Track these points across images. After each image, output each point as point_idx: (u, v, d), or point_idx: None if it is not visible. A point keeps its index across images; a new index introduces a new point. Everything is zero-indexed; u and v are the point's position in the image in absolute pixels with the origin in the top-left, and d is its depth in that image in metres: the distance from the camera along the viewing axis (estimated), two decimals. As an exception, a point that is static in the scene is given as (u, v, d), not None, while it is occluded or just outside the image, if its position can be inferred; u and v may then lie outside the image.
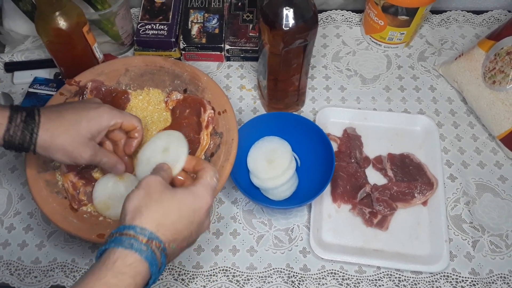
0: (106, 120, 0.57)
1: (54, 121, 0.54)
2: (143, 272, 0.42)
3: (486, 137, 0.77)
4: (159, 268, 0.44)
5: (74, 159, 0.55)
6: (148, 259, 0.42)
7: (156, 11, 0.84)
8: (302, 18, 0.60)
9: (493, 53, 0.72)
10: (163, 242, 0.44)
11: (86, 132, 0.55)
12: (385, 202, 0.69)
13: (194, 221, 0.47)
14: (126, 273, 0.41)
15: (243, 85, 0.83)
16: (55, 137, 0.53)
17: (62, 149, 0.54)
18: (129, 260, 0.42)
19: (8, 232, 0.70)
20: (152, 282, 0.44)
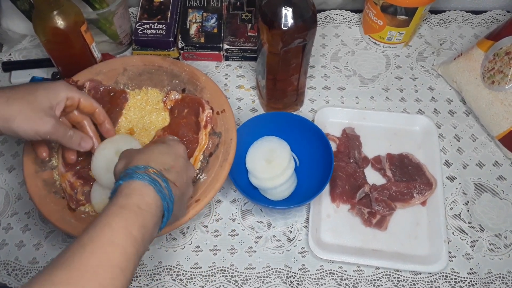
0: (63, 91, 0.56)
1: (7, 92, 0.52)
2: (150, 194, 0.45)
3: (485, 137, 0.77)
4: (166, 193, 0.47)
5: (36, 125, 0.52)
6: (150, 182, 0.45)
7: (155, 11, 0.84)
8: (301, 18, 0.60)
9: (492, 53, 0.72)
10: (155, 167, 0.48)
11: (44, 100, 0.53)
12: (384, 202, 0.69)
13: (178, 158, 0.52)
14: (132, 194, 0.45)
15: (242, 85, 0.83)
16: (11, 102, 0.51)
17: (21, 114, 0.51)
18: (132, 185, 0.45)
19: (5, 232, 0.70)
20: (166, 206, 0.47)
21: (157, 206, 0.46)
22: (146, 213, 0.44)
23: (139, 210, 0.44)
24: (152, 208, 0.45)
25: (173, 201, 0.48)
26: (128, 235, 0.42)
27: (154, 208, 0.45)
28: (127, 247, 0.42)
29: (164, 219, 0.48)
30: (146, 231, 0.44)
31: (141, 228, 0.44)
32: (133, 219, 0.43)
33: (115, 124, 0.69)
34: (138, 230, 0.43)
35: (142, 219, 0.44)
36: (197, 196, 0.61)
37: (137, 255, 0.43)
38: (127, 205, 0.44)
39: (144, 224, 0.44)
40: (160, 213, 0.46)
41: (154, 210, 0.45)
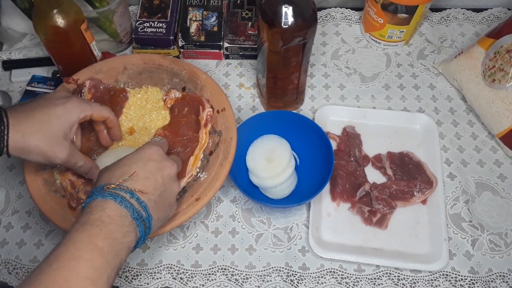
0: (75, 114, 0.57)
1: (24, 121, 0.53)
2: (111, 207, 0.45)
3: (485, 135, 0.77)
4: (133, 204, 0.47)
5: (50, 158, 0.55)
6: (110, 197, 0.46)
7: (155, 9, 0.84)
8: (301, 16, 0.60)
9: (493, 51, 0.72)
10: (114, 182, 0.48)
11: (58, 130, 0.55)
12: (384, 201, 0.69)
13: (145, 161, 0.51)
14: (92, 211, 0.45)
15: (242, 83, 0.83)
16: (27, 137, 0.52)
17: (37, 149, 0.53)
18: (93, 204, 0.46)
19: (6, 231, 0.70)
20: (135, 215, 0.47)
21: (121, 216, 0.46)
22: (109, 225, 0.44)
23: (101, 223, 0.44)
24: (116, 220, 0.45)
25: (146, 207, 0.48)
26: (93, 247, 0.43)
27: (118, 219, 0.45)
28: (94, 258, 0.42)
29: (140, 227, 0.47)
30: (114, 242, 0.44)
31: (106, 239, 0.44)
32: (96, 232, 0.44)
33: (115, 123, 0.69)
34: (103, 240, 0.43)
35: (106, 230, 0.44)
36: (198, 194, 0.61)
37: (108, 265, 0.43)
38: (88, 221, 0.44)
39: (108, 235, 0.44)
40: (128, 222, 0.46)
41: (120, 221, 0.45)
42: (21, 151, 0.53)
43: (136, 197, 0.48)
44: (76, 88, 0.69)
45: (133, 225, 0.46)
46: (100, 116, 0.61)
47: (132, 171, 0.49)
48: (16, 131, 0.52)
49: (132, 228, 0.46)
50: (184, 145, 0.66)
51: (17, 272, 0.67)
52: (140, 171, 0.50)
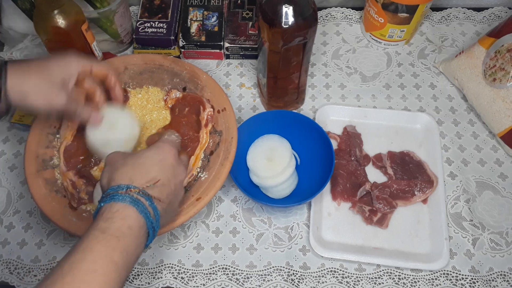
0: (75, 64, 0.57)
1: (22, 66, 0.53)
2: (132, 215, 0.45)
3: (486, 134, 0.76)
4: (150, 212, 0.46)
5: (50, 101, 0.54)
6: (132, 203, 0.45)
7: (155, 9, 0.84)
8: (301, 16, 0.60)
9: (494, 51, 0.71)
10: (138, 187, 0.46)
11: (57, 75, 0.54)
12: (385, 200, 0.69)
13: (165, 166, 0.50)
14: (114, 217, 0.44)
15: (243, 83, 0.83)
16: (27, 78, 0.52)
17: (37, 90, 0.53)
18: (114, 208, 0.44)
19: (7, 230, 0.70)
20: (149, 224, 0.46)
21: (140, 227, 0.45)
22: (128, 236, 0.44)
23: (121, 235, 0.43)
24: (135, 230, 0.45)
25: (159, 217, 0.48)
26: (109, 262, 0.42)
27: (136, 230, 0.45)
28: (108, 273, 0.42)
29: (149, 237, 0.47)
30: (128, 255, 0.44)
31: (123, 252, 0.43)
32: (115, 245, 0.43)
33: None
34: (120, 255, 0.43)
35: (123, 243, 0.43)
36: (198, 194, 0.61)
37: (119, 279, 0.42)
38: (108, 229, 0.43)
39: (126, 248, 0.43)
40: (144, 232, 0.46)
41: (137, 232, 0.45)
42: (22, 93, 0.52)
43: (154, 206, 0.47)
44: (77, 88, 0.70)
45: (146, 235, 0.46)
46: (100, 70, 0.60)
47: (157, 179, 0.48)
48: (15, 72, 0.52)
49: (144, 239, 0.46)
50: (185, 145, 0.67)
51: (19, 272, 0.67)
52: (161, 177, 0.49)
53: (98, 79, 0.61)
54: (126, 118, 0.63)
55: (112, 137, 0.61)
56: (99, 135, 0.61)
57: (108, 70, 0.61)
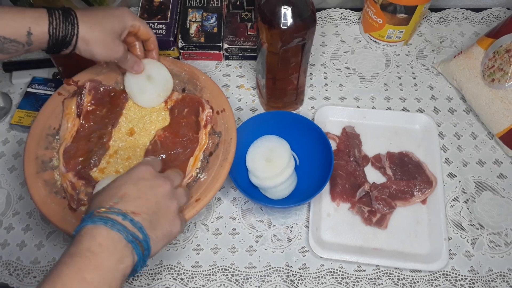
0: (129, 19, 0.62)
1: (89, 16, 0.57)
2: (102, 233, 0.44)
3: (485, 135, 0.77)
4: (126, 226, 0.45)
5: (111, 51, 0.59)
6: (100, 221, 0.44)
7: (155, 10, 0.84)
8: (300, 17, 0.60)
9: (492, 51, 0.72)
10: (105, 206, 0.46)
11: (117, 27, 0.60)
12: (384, 201, 0.69)
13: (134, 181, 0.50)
14: (82, 239, 0.43)
15: (242, 84, 0.83)
16: (94, 29, 0.57)
17: (103, 40, 0.58)
18: (83, 231, 0.44)
19: (7, 232, 0.70)
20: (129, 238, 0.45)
21: (114, 241, 0.44)
22: (100, 254, 0.43)
23: (91, 254, 0.42)
24: (108, 246, 0.43)
25: (142, 228, 0.46)
26: (80, 282, 0.41)
27: (110, 245, 0.43)
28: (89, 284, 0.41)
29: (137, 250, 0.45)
30: (106, 272, 0.42)
31: (96, 270, 0.42)
32: (85, 264, 0.42)
33: (116, 123, 0.69)
34: (92, 272, 0.42)
35: (96, 261, 0.42)
36: (197, 195, 0.61)
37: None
38: (76, 252, 0.42)
39: (99, 266, 0.42)
40: (123, 246, 0.44)
41: (112, 247, 0.43)
42: (89, 42, 0.57)
43: (129, 218, 0.45)
44: (76, 89, 0.70)
45: (129, 249, 0.44)
46: (146, 33, 0.65)
47: (123, 192, 0.48)
48: (84, 23, 0.56)
49: (127, 253, 0.44)
50: (184, 146, 0.67)
51: (18, 274, 0.67)
52: (130, 192, 0.48)
53: (140, 38, 0.67)
54: (163, 72, 0.70)
55: (148, 86, 0.68)
56: (137, 83, 0.69)
57: (152, 34, 0.67)
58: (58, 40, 0.55)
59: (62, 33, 0.55)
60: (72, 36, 0.55)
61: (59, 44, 0.55)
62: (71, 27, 0.55)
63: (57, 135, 0.68)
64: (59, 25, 0.54)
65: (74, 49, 0.57)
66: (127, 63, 0.65)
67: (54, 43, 0.55)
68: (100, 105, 0.70)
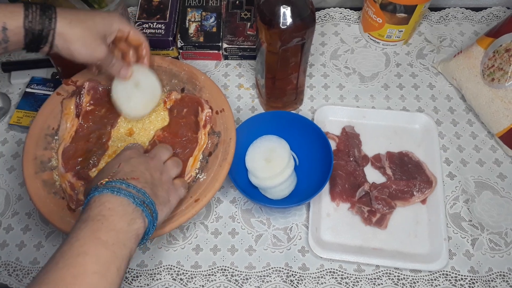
0: (116, 22, 0.60)
1: (71, 13, 0.55)
2: (110, 199, 0.46)
3: (485, 134, 0.76)
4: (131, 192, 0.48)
5: (92, 51, 0.56)
6: (106, 190, 0.47)
7: (154, 10, 0.84)
8: (299, 17, 0.60)
9: (492, 51, 0.71)
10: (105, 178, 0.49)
11: (100, 27, 0.57)
12: (384, 201, 0.69)
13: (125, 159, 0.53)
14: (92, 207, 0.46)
15: (241, 84, 0.83)
16: (74, 25, 0.54)
17: (82, 38, 0.55)
18: (91, 201, 0.47)
19: (6, 232, 0.70)
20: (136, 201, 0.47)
21: (123, 205, 0.46)
22: (111, 217, 0.45)
23: (102, 217, 0.45)
24: (118, 210, 0.46)
25: (145, 193, 0.49)
26: (97, 241, 0.43)
27: (120, 209, 0.46)
28: (99, 252, 0.43)
29: (146, 213, 0.48)
30: (119, 232, 0.45)
31: (110, 231, 0.44)
32: (98, 226, 0.44)
33: (115, 124, 0.69)
34: (107, 233, 0.44)
35: (107, 223, 0.45)
36: (197, 195, 0.61)
37: (116, 257, 0.43)
38: (88, 217, 0.45)
39: (112, 227, 0.45)
40: (132, 210, 0.47)
41: (122, 210, 0.46)
42: (67, 39, 0.54)
43: (132, 186, 0.48)
44: (75, 89, 0.70)
45: (138, 212, 0.47)
46: (137, 38, 0.63)
47: (117, 165, 0.52)
48: (63, 18, 0.54)
49: (137, 215, 0.47)
50: (183, 146, 0.67)
51: (17, 274, 0.67)
52: (125, 167, 0.52)
53: (132, 44, 0.64)
54: (151, 79, 0.66)
55: (135, 93, 0.65)
56: (124, 90, 0.65)
57: (143, 40, 0.64)
58: (34, 35, 0.53)
59: (38, 27, 0.52)
60: (48, 31, 0.53)
61: (36, 39, 0.53)
62: (48, 21, 0.53)
63: (56, 135, 0.68)
64: (35, 19, 0.52)
65: (52, 46, 0.54)
66: (112, 67, 0.62)
67: (31, 39, 0.53)
68: (99, 105, 0.70)
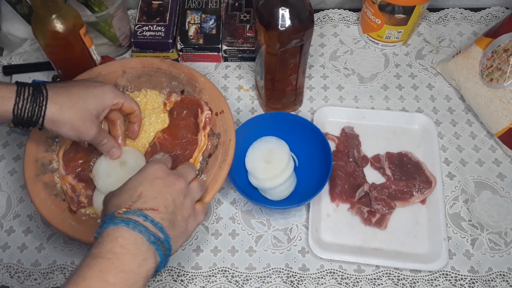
0: (110, 98, 0.59)
1: (62, 95, 0.55)
2: (124, 235, 0.44)
3: (484, 134, 0.77)
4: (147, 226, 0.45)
5: (80, 134, 0.56)
6: (122, 223, 0.44)
7: (153, 13, 0.84)
8: (298, 18, 0.60)
9: (490, 51, 0.72)
10: (124, 206, 0.46)
11: (93, 108, 0.57)
12: (384, 201, 0.69)
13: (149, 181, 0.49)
14: (104, 241, 0.43)
15: (241, 85, 0.83)
16: (63, 111, 0.54)
17: (70, 123, 0.55)
18: (105, 233, 0.44)
19: (7, 235, 0.71)
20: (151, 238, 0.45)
21: (137, 243, 0.44)
22: (122, 255, 0.43)
23: (113, 255, 0.42)
24: (130, 248, 0.43)
25: (162, 228, 0.46)
26: (104, 284, 0.41)
27: (133, 247, 0.43)
28: None
29: (160, 251, 0.46)
30: (128, 274, 0.42)
31: (119, 272, 0.42)
32: (108, 266, 0.42)
33: (115, 126, 0.69)
34: (115, 275, 0.42)
35: (118, 263, 0.42)
36: (197, 197, 0.62)
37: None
38: (99, 253, 0.43)
39: (122, 268, 0.42)
40: (146, 249, 0.44)
41: (134, 249, 0.44)
42: (55, 123, 0.54)
43: (150, 219, 0.46)
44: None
45: (151, 251, 0.45)
46: (130, 108, 0.62)
47: (138, 191, 0.48)
48: (54, 103, 0.54)
49: (150, 255, 0.44)
50: (183, 147, 0.67)
51: (19, 276, 0.67)
52: (147, 192, 0.48)
53: (124, 112, 0.64)
54: (139, 160, 0.66)
55: (119, 171, 0.64)
56: (108, 166, 0.64)
57: (136, 108, 0.64)
58: (23, 120, 0.53)
59: (27, 114, 0.53)
60: (38, 118, 0.53)
61: (25, 123, 0.54)
62: (38, 108, 0.53)
63: (57, 138, 0.69)
64: (25, 106, 0.53)
65: (41, 128, 0.55)
66: (102, 146, 0.61)
67: (19, 122, 0.54)
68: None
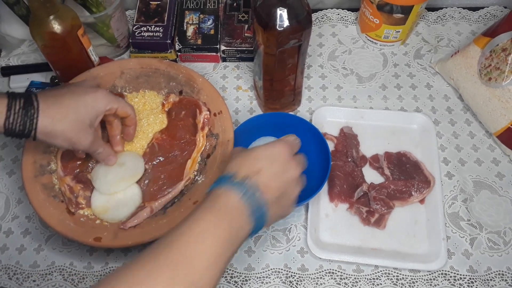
0: (103, 105, 0.58)
1: (53, 106, 0.54)
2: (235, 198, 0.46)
3: (483, 134, 0.77)
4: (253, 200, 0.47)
5: (74, 144, 0.57)
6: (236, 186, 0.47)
7: (151, 13, 0.84)
8: (295, 18, 0.60)
9: (489, 50, 0.72)
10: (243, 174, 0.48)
11: (85, 118, 0.56)
12: (382, 201, 0.69)
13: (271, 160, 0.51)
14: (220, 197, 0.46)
15: (240, 86, 0.83)
16: (55, 123, 0.54)
17: (63, 134, 0.55)
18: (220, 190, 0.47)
19: (6, 236, 0.71)
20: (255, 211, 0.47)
21: (241, 211, 0.46)
22: (231, 215, 0.45)
23: (226, 210, 0.45)
24: (237, 211, 0.46)
25: (267, 204, 0.48)
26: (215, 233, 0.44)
27: (236, 214, 0.46)
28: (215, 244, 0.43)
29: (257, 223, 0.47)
30: (232, 232, 0.45)
31: (228, 228, 0.44)
32: (220, 220, 0.45)
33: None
34: (224, 231, 0.44)
35: (228, 220, 0.45)
36: (195, 198, 0.62)
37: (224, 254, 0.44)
38: (213, 207, 0.45)
39: (231, 224, 0.45)
40: (246, 217, 0.46)
41: (238, 214, 0.46)
42: (48, 135, 0.54)
43: (258, 193, 0.48)
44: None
45: (249, 220, 0.47)
46: (124, 112, 0.62)
47: (259, 167, 0.49)
48: (45, 116, 0.53)
49: (247, 223, 0.47)
50: (182, 148, 0.67)
51: (18, 278, 0.67)
52: (265, 170, 0.49)
53: (118, 116, 0.64)
54: (137, 161, 0.67)
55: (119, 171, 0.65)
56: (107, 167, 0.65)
57: (131, 112, 0.63)
58: (15, 133, 0.53)
59: (19, 128, 0.53)
60: (30, 131, 0.53)
61: (17, 135, 0.54)
62: (30, 121, 0.53)
63: (55, 139, 0.69)
64: (16, 121, 0.52)
65: (34, 139, 0.55)
66: (98, 155, 0.62)
67: (12, 135, 0.54)
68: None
